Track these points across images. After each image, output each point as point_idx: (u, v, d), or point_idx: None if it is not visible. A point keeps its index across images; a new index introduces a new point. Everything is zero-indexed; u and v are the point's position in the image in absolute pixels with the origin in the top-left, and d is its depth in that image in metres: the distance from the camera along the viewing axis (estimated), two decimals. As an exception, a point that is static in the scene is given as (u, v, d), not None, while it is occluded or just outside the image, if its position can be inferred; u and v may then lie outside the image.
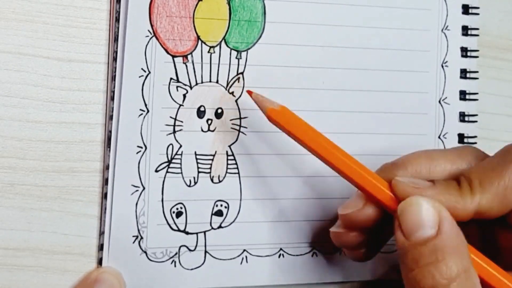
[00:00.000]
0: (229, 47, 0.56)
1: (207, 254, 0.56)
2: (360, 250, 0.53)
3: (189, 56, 0.55)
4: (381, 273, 0.59)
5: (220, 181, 0.56)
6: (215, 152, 0.56)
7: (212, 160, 0.56)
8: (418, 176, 0.50)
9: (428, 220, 0.46)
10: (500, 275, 0.47)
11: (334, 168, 0.51)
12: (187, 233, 0.56)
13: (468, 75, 0.61)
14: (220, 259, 0.56)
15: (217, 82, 0.56)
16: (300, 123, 0.51)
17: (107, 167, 0.54)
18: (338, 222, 0.53)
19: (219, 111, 0.56)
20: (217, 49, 0.56)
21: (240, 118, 0.56)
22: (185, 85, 0.55)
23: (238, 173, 0.57)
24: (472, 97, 0.61)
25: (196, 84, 0.55)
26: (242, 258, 0.57)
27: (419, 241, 0.46)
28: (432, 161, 0.51)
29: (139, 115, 0.54)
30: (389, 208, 0.49)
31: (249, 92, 0.53)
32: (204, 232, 0.56)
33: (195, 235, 0.56)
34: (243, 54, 0.56)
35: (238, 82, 0.56)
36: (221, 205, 0.56)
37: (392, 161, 0.52)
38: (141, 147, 0.54)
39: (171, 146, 0.55)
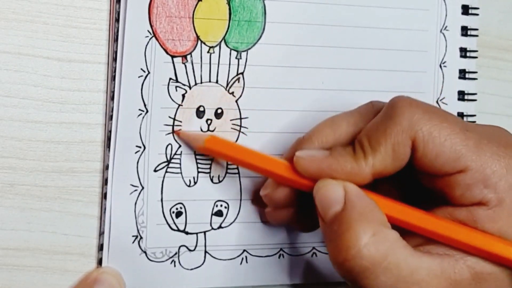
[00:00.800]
0: (229, 47, 0.56)
1: (207, 254, 0.56)
2: (301, 223, 0.55)
3: (188, 56, 0.55)
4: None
5: (220, 181, 0.56)
6: None
7: (212, 160, 0.56)
8: (325, 146, 0.51)
9: (334, 198, 0.48)
10: (419, 218, 0.49)
11: (247, 167, 0.53)
12: (187, 233, 0.55)
13: (466, 75, 0.61)
14: (220, 259, 0.56)
15: (216, 82, 0.56)
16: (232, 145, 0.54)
17: (107, 167, 0.54)
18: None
19: (219, 111, 0.56)
20: (216, 49, 0.56)
21: (241, 118, 0.56)
22: (184, 85, 0.55)
23: (238, 173, 0.57)
24: (470, 97, 0.61)
25: (196, 84, 0.55)
26: (242, 258, 0.57)
27: (330, 218, 0.48)
28: (336, 128, 0.52)
29: (138, 115, 0.54)
30: (300, 186, 0.51)
31: (177, 133, 0.55)
32: (204, 232, 0.56)
33: (195, 235, 0.56)
34: (243, 54, 0.56)
35: (238, 82, 0.56)
36: (221, 205, 0.56)
37: (302, 136, 0.53)
38: (140, 147, 0.54)
39: (170, 146, 0.55)
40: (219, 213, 0.56)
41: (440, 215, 0.49)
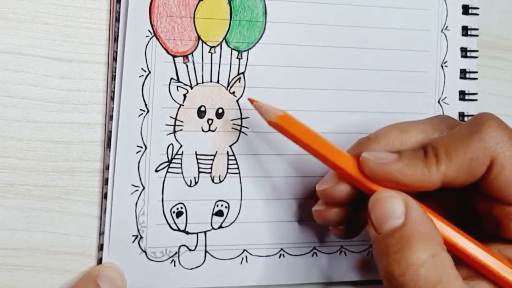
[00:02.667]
0: (230, 47, 0.55)
1: (207, 254, 0.55)
2: (343, 227, 0.54)
3: (189, 56, 0.54)
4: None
5: (220, 181, 0.56)
6: (216, 152, 0.55)
7: (213, 160, 0.55)
8: (391, 149, 0.50)
9: (395, 211, 0.47)
10: (475, 248, 0.48)
11: (312, 152, 0.51)
12: (187, 233, 0.55)
13: (467, 75, 0.61)
14: (220, 259, 0.56)
15: (217, 82, 0.55)
16: (301, 127, 0.51)
17: (107, 167, 0.53)
18: (320, 201, 0.53)
19: (220, 111, 0.55)
20: (217, 49, 0.55)
21: (241, 118, 0.56)
22: (186, 85, 0.54)
23: (239, 173, 0.56)
24: (471, 97, 0.61)
25: (197, 84, 0.55)
26: (242, 258, 0.56)
27: (387, 232, 0.47)
28: (404, 133, 0.51)
29: (139, 115, 0.53)
30: (362, 186, 0.50)
31: (251, 100, 0.53)
32: (205, 232, 0.55)
33: (195, 235, 0.55)
34: (244, 54, 0.56)
35: (239, 82, 0.56)
36: (222, 205, 0.56)
37: (367, 136, 0.52)
38: (141, 147, 0.53)
39: (171, 146, 0.54)
40: (219, 213, 0.56)
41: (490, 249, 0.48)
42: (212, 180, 0.55)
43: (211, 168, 0.55)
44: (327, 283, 0.58)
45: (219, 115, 0.55)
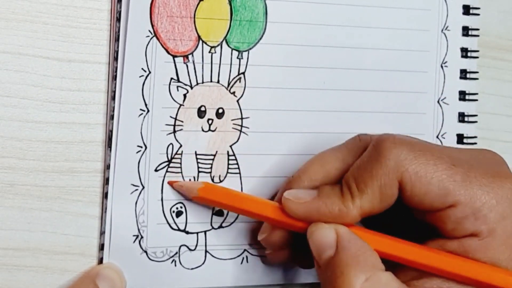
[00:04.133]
0: (230, 47, 0.55)
1: (207, 253, 0.55)
2: (303, 260, 0.54)
3: (189, 56, 0.54)
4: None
5: (221, 181, 0.55)
6: (216, 152, 0.55)
7: (213, 160, 0.55)
8: (314, 184, 0.51)
9: (326, 242, 0.48)
10: (412, 252, 0.49)
11: (238, 212, 0.53)
12: (187, 232, 0.55)
13: (468, 75, 0.60)
14: (221, 259, 0.55)
15: (218, 82, 0.55)
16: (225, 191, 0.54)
17: (108, 167, 0.53)
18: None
19: (220, 111, 0.55)
20: (218, 49, 0.55)
21: (242, 118, 0.55)
22: (186, 85, 0.54)
23: (239, 173, 0.56)
24: (471, 97, 0.60)
25: (197, 84, 0.54)
26: (243, 258, 0.56)
27: (324, 263, 0.48)
28: (325, 165, 0.52)
29: (140, 115, 0.53)
30: (291, 228, 0.51)
31: (170, 183, 0.54)
32: (205, 231, 0.55)
33: (195, 234, 0.55)
34: (244, 54, 0.55)
35: (240, 82, 0.55)
36: None
37: (292, 175, 0.53)
38: (141, 147, 0.53)
39: (171, 146, 0.54)
40: (219, 213, 0.55)
41: (432, 247, 0.49)
42: (212, 180, 0.55)
43: (211, 168, 0.55)
44: None
45: (219, 115, 0.55)
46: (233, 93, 0.55)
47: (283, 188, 0.52)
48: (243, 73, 0.55)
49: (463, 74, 0.60)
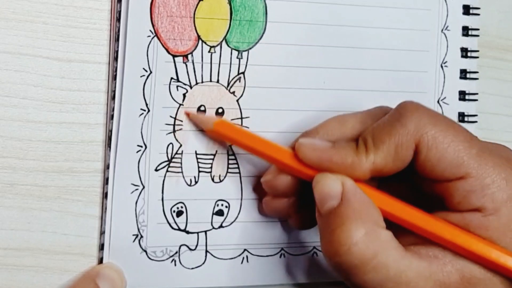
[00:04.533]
0: (230, 47, 0.55)
1: (207, 253, 0.55)
2: (297, 217, 0.54)
3: (189, 56, 0.54)
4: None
5: (221, 181, 0.55)
6: (216, 151, 0.55)
7: (213, 159, 0.55)
8: (330, 139, 0.51)
9: (331, 192, 0.48)
10: (416, 217, 0.49)
11: (250, 151, 0.53)
12: (188, 232, 0.54)
13: (468, 75, 0.60)
14: (221, 259, 0.55)
15: (217, 81, 0.55)
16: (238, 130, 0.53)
17: (108, 167, 0.53)
18: (267, 193, 0.54)
19: (220, 110, 0.55)
20: (217, 49, 0.55)
21: (242, 118, 0.55)
22: (185, 84, 0.54)
23: (239, 172, 0.55)
24: (471, 97, 0.60)
25: (197, 83, 0.54)
26: (243, 258, 0.55)
27: (326, 212, 0.48)
28: (343, 123, 0.52)
29: (140, 115, 0.53)
30: (299, 174, 0.51)
31: (186, 113, 0.54)
32: (205, 231, 0.55)
33: (195, 234, 0.54)
34: (244, 54, 0.55)
35: (239, 82, 0.55)
36: (222, 205, 0.55)
37: (308, 129, 0.53)
38: (141, 146, 0.53)
39: (171, 145, 0.54)
40: (220, 213, 0.55)
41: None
42: (212, 180, 0.55)
43: (211, 167, 0.55)
44: (328, 282, 0.57)
45: (219, 114, 0.55)
46: (233, 92, 0.55)
47: (297, 139, 0.52)
48: (243, 73, 0.55)
49: (463, 74, 0.60)
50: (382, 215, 0.48)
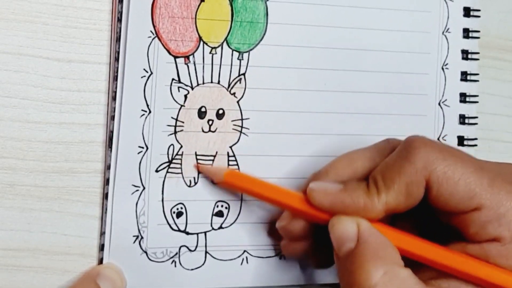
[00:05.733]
0: (231, 48, 0.54)
1: (207, 254, 0.54)
2: (316, 257, 0.54)
3: (190, 57, 0.53)
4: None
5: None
6: (216, 152, 0.54)
7: (213, 160, 0.54)
8: (341, 179, 0.50)
9: (348, 235, 0.47)
10: (433, 252, 0.48)
11: (262, 198, 0.52)
12: (188, 233, 0.54)
13: (468, 77, 0.59)
14: (221, 260, 0.54)
15: (218, 83, 0.54)
16: (249, 179, 0.53)
17: (109, 167, 0.52)
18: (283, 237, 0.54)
19: (221, 112, 0.54)
20: (219, 50, 0.54)
21: (242, 119, 0.54)
22: (187, 85, 0.53)
23: None
24: (472, 99, 0.59)
25: (198, 84, 0.53)
26: (243, 259, 0.55)
27: (344, 255, 0.47)
28: (353, 162, 0.51)
29: (141, 116, 0.52)
30: (312, 218, 0.50)
31: (197, 166, 0.54)
32: (205, 232, 0.54)
33: (195, 235, 0.54)
34: (245, 55, 0.54)
35: (240, 83, 0.54)
36: (222, 206, 0.54)
37: (318, 170, 0.52)
38: (143, 147, 0.52)
39: (172, 147, 0.53)
40: (219, 214, 0.54)
41: (453, 249, 0.48)
42: (212, 181, 0.54)
43: None
44: (327, 284, 0.57)
45: (220, 115, 0.54)
46: (234, 94, 0.54)
47: (308, 181, 0.51)
48: (244, 74, 0.54)
49: (464, 76, 0.59)
50: (400, 253, 0.47)
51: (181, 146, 0.53)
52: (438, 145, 0.49)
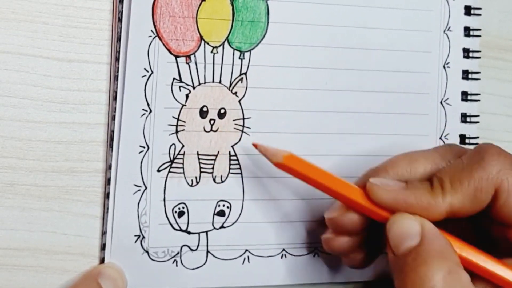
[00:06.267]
0: (232, 48, 0.53)
1: (209, 254, 0.53)
2: (355, 256, 0.52)
3: (192, 56, 0.53)
4: (383, 274, 0.57)
5: (222, 181, 0.54)
6: (218, 152, 0.53)
7: (215, 160, 0.53)
8: (400, 178, 0.49)
9: (411, 232, 0.46)
10: (491, 264, 0.48)
11: (320, 187, 0.50)
12: (189, 232, 0.53)
13: (470, 76, 0.59)
14: (222, 259, 0.54)
15: (220, 82, 0.53)
16: (306, 165, 0.51)
17: (110, 167, 0.51)
18: (328, 229, 0.52)
19: (222, 111, 0.53)
20: (220, 49, 0.53)
21: (244, 119, 0.54)
22: (188, 85, 0.53)
23: (241, 173, 0.54)
24: (473, 98, 0.59)
25: (199, 84, 0.53)
26: (244, 258, 0.54)
27: (404, 252, 0.46)
28: (413, 162, 0.50)
29: (142, 115, 0.52)
30: (370, 213, 0.49)
31: (255, 145, 0.52)
32: (206, 232, 0.53)
33: (197, 235, 0.53)
34: (246, 54, 0.54)
35: (241, 82, 0.54)
36: (223, 205, 0.54)
37: (375, 166, 0.51)
38: (144, 147, 0.52)
39: (173, 146, 0.52)
40: (221, 213, 0.54)
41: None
42: (214, 180, 0.53)
43: (212, 168, 0.53)
44: (329, 283, 0.56)
45: (221, 115, 0.53)
46: (235, 93, 0.54)
47: (365, 176, 0.50)
48: (245, 73, 0.54)
49: (465, 74, 0.59)
50: None
51: (183, 146, 0.52)
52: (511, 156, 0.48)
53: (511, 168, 0.47)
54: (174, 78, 0.52)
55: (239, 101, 0.54)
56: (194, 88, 0.53)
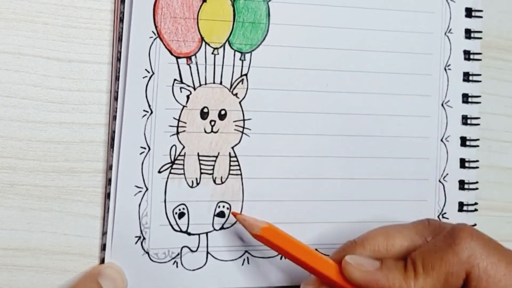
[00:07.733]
0: (233, 49, 0.53)
1: (209, 255, 0.52)
2: None
3: (193, 57, 0.52)
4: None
5: (222, 182, 0.53)
6: (218, 153, 0.52)
7: (215, 161, 0.52)
8: (376, 254, 0.49)
9: None
10: None
11: (294, 261, 0.50)
12: (189, 234, 0.52)
13: (470, 78, 0.58)
14: (222, 260, 0.53)
15: (220, 83, 0.52)
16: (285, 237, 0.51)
17: (110, 167, 0.50)
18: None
19: (223, 112, 0.52)
20: (221, 50, 0.52)
21: (244, 120, 0.53)
22: (189, 86, 0.52)
23: (241, 174, 0.53)
24: (474, 100, 0.58)
25: (200, 85, 0.52)
26: (244, 259, 0.53)
27: None
28: (390, 238, 0.50)
29: (143, 116, 0.51)
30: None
31: (234, 214, 0.52)
32: (206, 233, 0.52)
33: (197, 236, 0.52)
34: (247, 55, 0.53)
35: (242, 83, 0.53)
36: (223, 206, 0.53)
37: (354, 239, 0.50)
38: (145, 148, 0.51)
39: (174, 147, 0.51)
40: (221, 214, 0.53)
41: None
42: (214, 181, 0.52)
43: (213, 169, 0.52)
44: None
45: (222, 116, 0.52)
46: (236, 94, 0.53)
47: (342, 250, 0.50)
48: (246, 74, 0.53)
49: (466, 76, 0.58)
50: None
51: (184, 147, 0.51)
52: (485, 240, 0.47)
53: (482, 253, 0.46)
54: (175, 79, 0.51)
55: (240, 102, 0.53)
56: (195, 89, 0.52)
